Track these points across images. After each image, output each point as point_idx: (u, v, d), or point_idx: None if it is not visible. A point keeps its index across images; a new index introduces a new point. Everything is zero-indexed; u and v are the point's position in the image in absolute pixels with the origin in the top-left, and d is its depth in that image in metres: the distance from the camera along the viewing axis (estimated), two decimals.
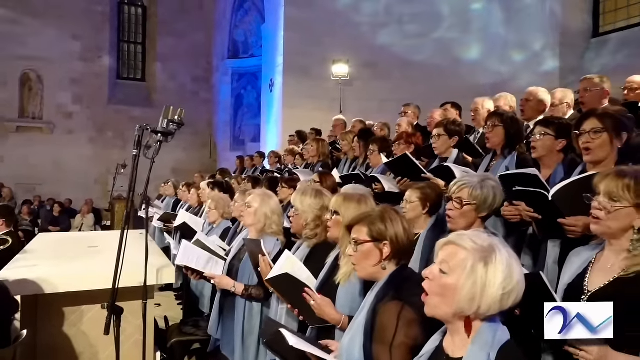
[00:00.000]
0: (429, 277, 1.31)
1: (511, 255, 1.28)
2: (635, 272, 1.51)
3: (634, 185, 1.51)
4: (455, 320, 1.30)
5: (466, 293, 1.25)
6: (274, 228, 2.82)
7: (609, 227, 1.56)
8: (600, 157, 2.12)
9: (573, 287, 1.64)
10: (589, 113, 2.21)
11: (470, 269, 1.25)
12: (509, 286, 1.24)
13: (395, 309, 1.52)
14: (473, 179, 2.12)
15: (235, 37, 14.86)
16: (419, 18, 10.18)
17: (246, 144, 14.34)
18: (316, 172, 3.85)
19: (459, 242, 1.30)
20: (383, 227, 1.73)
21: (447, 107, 5.52)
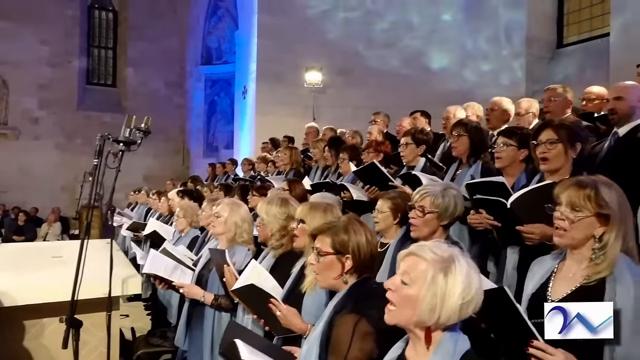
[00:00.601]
0: (391, 288, 1.33)
1: (470, 265, 1.31)
2: (597, 279, 1.54)
3: (594, 195, 1.54)
4: (417, 330, 1.32)
5: (427, 304, 1.27)
6: (244, 237, 2.81)
7: (573, 238, 1.59)
8: (556, 167, 2.20)
9: (537, 296, 1.67)
10: (545, 124, 2.29)
11: (431, 280, 1.27)
12: (468, 296, 1.27)
13: (351, 321, 1.53)
14: (435, 188, 2.17)
15: (209, 43, 14.77)
16: (391, 27, 10.33)
17: (220, 151, 14.23)
18: (285, 180, 3.85)
19: (419, 253, 1.32)
20: (346, 239, 1.73)
21: (416, 115, 5.61)
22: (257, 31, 10.26)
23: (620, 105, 2.68)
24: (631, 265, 1.52)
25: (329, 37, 10.32)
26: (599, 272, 1.53)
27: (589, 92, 3.91)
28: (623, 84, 2.78)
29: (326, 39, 10.27)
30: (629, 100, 2.68)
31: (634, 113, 2.69)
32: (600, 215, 1.55)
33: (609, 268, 1.52)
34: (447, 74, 10.01)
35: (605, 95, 3.86)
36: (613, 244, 1.53)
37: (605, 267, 1.52)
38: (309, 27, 10.18)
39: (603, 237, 1.55)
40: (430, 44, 10.19)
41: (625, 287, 1.47)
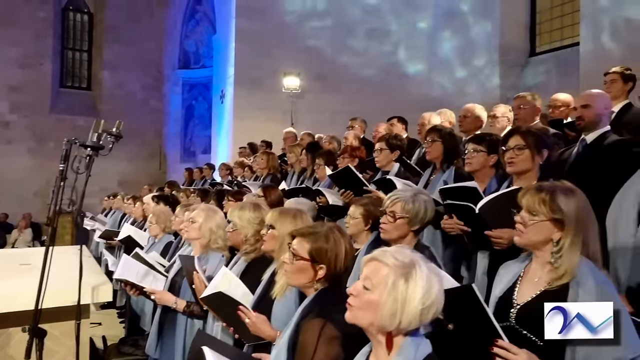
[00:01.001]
0: (353, 293, 1.34)
1: (431, 270, 1.33)
2: (559, 285, 1.57)
3: (549, 200, 1.58)
4: (378, 335, 1.32)
5: (387, 309, 1.28)
6: (219, 243, 2.78)
7: (529, 240, 1.63)
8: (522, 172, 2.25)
9: (503, 300, 1.70)
10: (514, 130, 2.34)
11: (392, 285, 1.28)
12: (428, 301, 1.28)
13: (317, 326, 1.53)
14: (406, 194, 2.20)
15: (186, 47, 14.64)
16: (368, 34, 10.43)
17: (197, 156, 14.08)
18: (260, 186, 3.84)
19: (381, 258, 1.33)
20: (325, 248, 1.74)
21: (393, 121, 5.66)
22: (235, 36, 10.23)
23: (587, 113, 2.76)
24: (594, 270, 1.55)
25: (307, 43, 10.36)
26: (560, 276, 1.57)
27: (554, 99, 4.02)
28: (590, 92, 2.86)
29: (304, 45, 10.31)
30: (595, 108, 2.76)
31: (600, 120, 2.77)
32: (555, 220, 1.58)
33: (570, 273, 1.55)
34: (424, 81, 10.16)
35: (570, 102, 3.97)
36: (568, 249, 1.56)
37: (565, 271, 1.56)
38: (287, 32, 10.20)
39: (559, 241, 1.58)
40: (406, 50, 10.33)
41: (588, 291, 1.50)
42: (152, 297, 2.72)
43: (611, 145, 2.62)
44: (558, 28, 9.46)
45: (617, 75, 3.57)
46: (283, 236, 1.96)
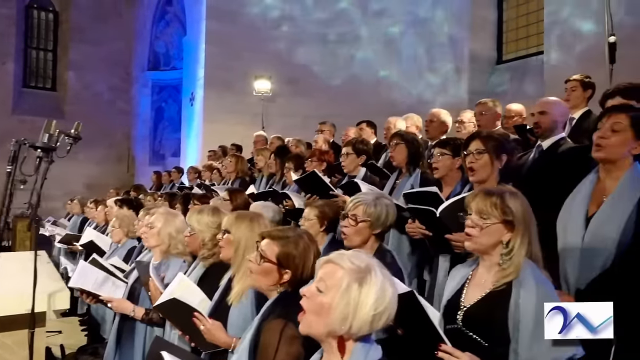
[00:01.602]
0: (306, 294, 1.32)
1: (385, 277, 1.32)
2: (504, 284, 1.61)
3: (500, 203, 1.62)
4: (329, 339, 1.31)
5: (339, 313, 1.26)
6: (179, 248, 2.72)
7: (481, 244, 1.66)
8: (483, 177, 2.28)
9: (451, 303, 1.73)
10: (474, 135, 2.38)
11: (345, 289, 1.27)
12: (380, 307, 1.27)
13: (278, 326, 1.52)
14: (367, 197, 2.20)
15: (156, 48, 14.40)
16: (340, 38, 10.48)
17: (166, 159, 13.85)
18: (226, 189, 3.79)
19: (337, 261, 1.32)
20: (293, 254, 1.73)
21: (362, 125, 5.69)
22: (205, 38, 10.12)
23: (544, 120, 2.84)
24: (535, 270, 1.60)
25: (278, 46, 10.33)
26: (506, 276, 1.60)
27: (508, 109, 4.13)
28: (547, 100, 2.95)
29: (275, 48, 10.28)
30: (552, 115, 2.84)
31: (556, 127, 2.85)
32: (506, 222, 1.62)
33: (515, 272, 1.59)
34: (394, 86, 10.28)
35: (522, 112, 4.11)
36: (518, 249, 1.60)
37: (512, 271, 1.60)
38: (258, 35, 10.15)
39: (509, 243, 1.62)
40: (377, 55, 10.43)
41: (529, 291, 1.54)
42: (109, 305, 2.63)
43: (565, 151, 2.70)
44: (524, 37, 9.73)
45: (577, 83, 3.68)
46: (239, 241, 1.93)
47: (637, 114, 1.96)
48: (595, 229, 1.90)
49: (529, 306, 1.53)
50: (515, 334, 1.55)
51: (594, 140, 1.96)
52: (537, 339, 1.50)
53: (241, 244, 1.94)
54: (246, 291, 1.87)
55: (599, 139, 1.94)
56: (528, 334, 1.51)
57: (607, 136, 1.92)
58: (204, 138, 10.13)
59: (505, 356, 1.55)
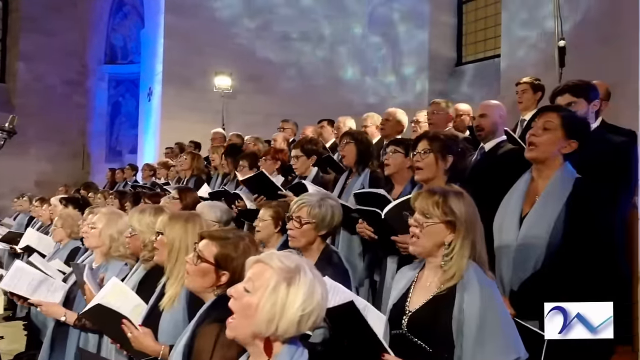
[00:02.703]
0: (233, 295, 1.27)
1: (316, 277, 1.28)
2: (448, 287, 1.58)
3: (442, 202, 1.60)
4: (256, 341, 1.27)
5: (266, 313, 1.23)
6: (121, 250, 2.61)
7: (424, 247, 1.64)
8: (428, 176, 2.29)
9: (397, 307, 1.70)
10: (422, 135, 2.38)
11: (272, 289, 1.23)
12: (308, 307, 1.24)
13: (213, 331, 1.46)
14: (312, 198, 2.17)
15: (113, 41, 13.92)
16: (302, 36, 10.42)
17: (124, 155, 13.41)
18: (175, 188, 3.67)
19: (267, 261, 1.28)
20: (232, 256, 1.67)
21: (323, 123, 5.68)
22: (164, 32, 9.84)
23: (485, 122, 2.90)
24: (479, 273, 1.58)
25: (240, 42, 10.17)
26: (449, 279, 1.58)
27: (456, 108, 4.23)
28: (487, 103, 3.02)
29: (237, 44, 10.11)
30: (492, 117, 2.91)
31: (497, 129, 2.92)
32: (447, 223, 1.60)
33: (458, 275, 1.57)
34: (357, 85, 10.30)
35: (470, 111, 4.20)
36: (459, 251, 1.58)
37: (454, 274, 1.58)
38: (219, 30, 9.95)
39: (451, 243, 1.60)
40: (340, 55, 10.42)
41: (473, 295, 1.53)
42: (39, 309, 2.49)
43: (505, 153, 2.75)
44: (482, 40, 9.95)
45: (527, 86, 3.77)
46: (172, 242, 1.85)
47: (568, 114, 2.00)
48: (527, 229, 1.92)
49: (473, 310, 1.51)
50: (459, 338, 1.53)
51: (526, 139, 1.99)
52: (481, 344, 1.49)
53: (175, 246, 1.85)
54: (179, 296, 1.79)
55: (531, 136, 1.98)
56: (472, 338, 1.50)
57: (539, 134, 1.96)
58: (162, 135, 9.86)
59: None
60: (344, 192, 3.04)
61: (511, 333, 1.52)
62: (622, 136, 2.93)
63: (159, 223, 1.99)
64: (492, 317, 1.50)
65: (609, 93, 3.26)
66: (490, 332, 1.49)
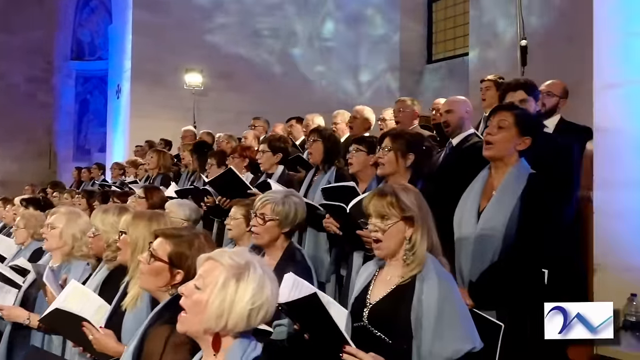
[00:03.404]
0: (184, 293, 1.28)
1: (266, 273, 1.30)
2: (409, 278, 1.63)
3: (395, 201, 1.64)
4: (206, 336, 1.28)
5: (215, 309, 1.24)
6: (84, 250, 2.55)
7: (389, 248, 1.67)
8: (388, 171, 2.34)
9: (358, 300, 1.73)
10: (386, 133, 2.42)
11: (222, 285, 1.25)
12: (258, 301, 1.25)
13: (164, 333, 1.45)
14: (276, 195, 2.19)
15: (80, 37, 13.56)
16: (274, 33, 10.37)
17: (92, 154, 13.10)
18: (141, 187, 3.62)
19: (217, 258, 1.29)
20: (186, 254, 1.65)
21: (292, 122, 5.68)
22: (132, 28, 9.65)
23: (451, 118, 2.97)
24: (437, 265, 1.63)
25: (211, 39, 10.06)
26: (411, 271, 1.63)
27: (436, 103, 4.27)
28: (453, 99, 3.09)
29: (208, 41, 10.00)
30: (458, 112, 2.98)
31: (463, 124, 2.99)
32: (405, 219, 1.64)
33: (418, 267, 1.62)
34: (330, 83, 10.33)
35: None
36: (420, 243, 1.63)
37: (416, 266, 1.62)
38: (189, 27, 9.82)
39: (412, 238, 1.64)
40: (312, 52, 10.42)
41: (431, 287, 1.57)
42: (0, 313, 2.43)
43: (470, 147, 2.82)
44: (451, 38, 10.10)
45: (491, 83, 3.86)
46: (135, 242, 1.83)
47: (521, 112, 2.07)
48: (484, 223, 1.98)
49: (431, 301, 1.55)
50: (417, 329, 1.57)
51: (483, 138, 2.05)
52: (439, 334, 1.53)
53: (138, 245, 1.84)
54: (141, 295, 1.77)
55: (487, 135, 2.04)
56: (430, 329, 1.54)
57: (494, 133, 2.03)
58: (132, 133, 9.68)
59: (409, 352, 1.57)
60: (310, 189, 3.06)
61: (467, 324, 1.57)
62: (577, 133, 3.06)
63: (122, 222, 1.97)
64: (450, 309, 1.55)
65: (566, 91, 3.37)
66: (447, 322, 1.53)
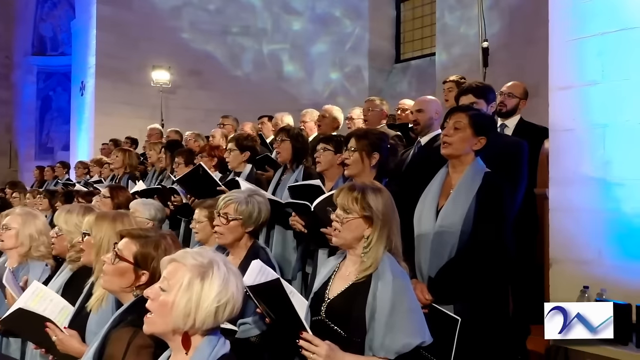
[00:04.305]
0: (150, 296, 1.30)
1: (230, 270, 1.33)
2: (365, 276, 1.68)
3: (360, 198, 1.69)
4: (175, 336, 1.30)
5: (182, 309, 1.26)
6: (42, 250, 2.51)
7: (344, 238, 1.72)
8: (354, 171, 2.40)
9: (317, 294, 1.78)
10: (352, 133, 2.48)
11: (187, 285, 1.27)
12: (223, 298, 1.28)
13: (126, 335, 1.45)
14: (240, 195, 2.20)
15: (42, 31, 13.11)
16: (243, 31, 10.31)
17: (55, 153, 12.71)
18: (107, 186, 3.56)
19: (180, 259, 1.31)
20: (152, 255, 1.66)
21: (263, 120, 5.68)
22: (97, 23, 9.40)
23: (421, 117, 3.04)
24: (394, 263, 1.69)
25: (180, 36, 9.91)
26: (366, 268, 1.68)
27: (402, 104, 4.35)
28: (424, 98, 3.16)
29: (176, 38, 9.85)
30: (428, 112, 3.05)
31: (432, 124, 3.07)
32: (365, 217, 1.69)
33: (374, 265, 1.67)
34: (299, 81, 10.33)
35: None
36: (376, 243, 1.68)
37: (371, 264, 1.68)
38: (157, 23, 9.65)
39: (369, 237, 1.70)
40: (282, 50, 10.40)
41: (385, 284, 1.64)
42: None
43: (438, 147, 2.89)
44: (419, 38, 10.26)
45: (453, 84, 3.95)
46: (100, 243, 1.82)
47: (475, 113, 2.16)
48: (442, 220, 2.06)
49: (385, 297, 1.61)
50: (371, 324, 1.63)
51: (441, 138, 2.12)
52: (390, 329, 1.60)
53: (102, 246, 1.82)
54: (107, 297, 1.76)
55: (444, 136, 2.12)
56: (382, 323, 1.60)
57: (450, 134, 2.11)
58: (97, 131, 9.45)
59: (362, 346, 1.63)
60: (278, 188, 3.08)
61: (418, 319, 1.64)
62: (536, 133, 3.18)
63: (86, 223, 1.94)
64: (402, 305, 1.62)
65: (526, 92, 3.49)
66: (399, 318, 1.60)
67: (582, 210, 2.66)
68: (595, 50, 2.60)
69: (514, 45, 6.96)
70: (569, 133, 2.68)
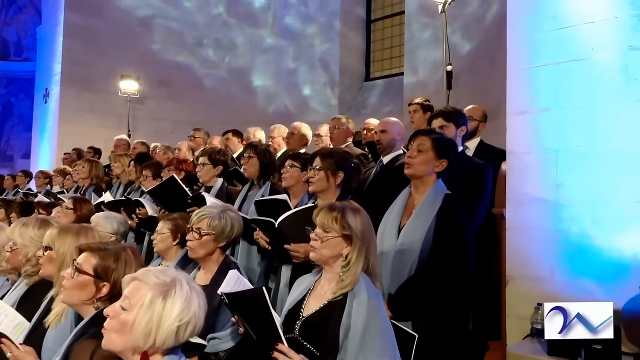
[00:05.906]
0: (109, 314, 1.29)
1: (193, 289, 1.34)
2: (341, 294, 1.72)
3: (340, 218, 1.73)
4: (135, 356, 1.30)
5: (142, 328, 1.26)
6: (3, 265, 2.44)
7: (322, 255, 1.75)
8: (319, 189, 2.45)
9: (292, 312, 1.80)
10: (316, 152, 2.54)
11: (148, 304, 1.27)
12: (185, 317, 1.29)
13: (88, 348, 1.44)
14: (213, 210, 2.22)
15: (6, 35, 12.78)
16: (215, 43, 10.31)
17: (15, 161, 12.34)
18: (70, 198, 3.50)
19: (142, 278, 1.32)
20: (112, 267, 1.66)
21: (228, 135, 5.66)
22: (64, 29, 9.23)
23: (384, 138, 3.14)
24: (369, 284, 1.74)
25: (149, 46, 9.83)
26: (344, 287, 1.72)
27: (367, 123, 4.45)
28: (387, 120, 3.26)
29: (145, 48, 9.76)
30: (390, 133, 3.15)
31: (395, 144, 3.17)
32: (345, 236, 1.74)
33: (351, 284, 1.71)
34: (270, 95, 10.38)
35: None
36: (355, 262, 1.72)
37: (349, 283, 1.71)
38: (126, 32, 9.55)
39: (348, 256, 1.74)
40: (253, 64, 10.44)
41: (360, 303, 1.67)
42: None
43: (400, 166, 2.98)
44: (388, 58, 10.50)
45: (418, 106, 4.08)
46: (63, 257, 1.80)
47: (438, 137, 2.26)
48: (403, 238, 2.14)
49: (360, 317, 1.65)
50: (344, 342, 1.66)
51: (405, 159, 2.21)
52: (364, 348, 1.63)
53: (66, 261, 1.80)
54: (66, 312, 1.74)
55: (407, 158, 2.21)
56: (356, 342, 1.63)
57: (414, 156, 2.20)
58: (60, 139, 9.21)
59: None
60: (244, 203, 3.10)
61: (390, 340, 1.68)
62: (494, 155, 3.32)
63: (47, 237, 1.91)
64: (376, 325, 1.66)
65: (485, 115, 3.65)
66: (372, 337, 1.64)
67: (536, 230, 2.79)
68: (548, 78, 2.76)
69: (477, 67, 7.23)
70: (525, 156, 2.82)
